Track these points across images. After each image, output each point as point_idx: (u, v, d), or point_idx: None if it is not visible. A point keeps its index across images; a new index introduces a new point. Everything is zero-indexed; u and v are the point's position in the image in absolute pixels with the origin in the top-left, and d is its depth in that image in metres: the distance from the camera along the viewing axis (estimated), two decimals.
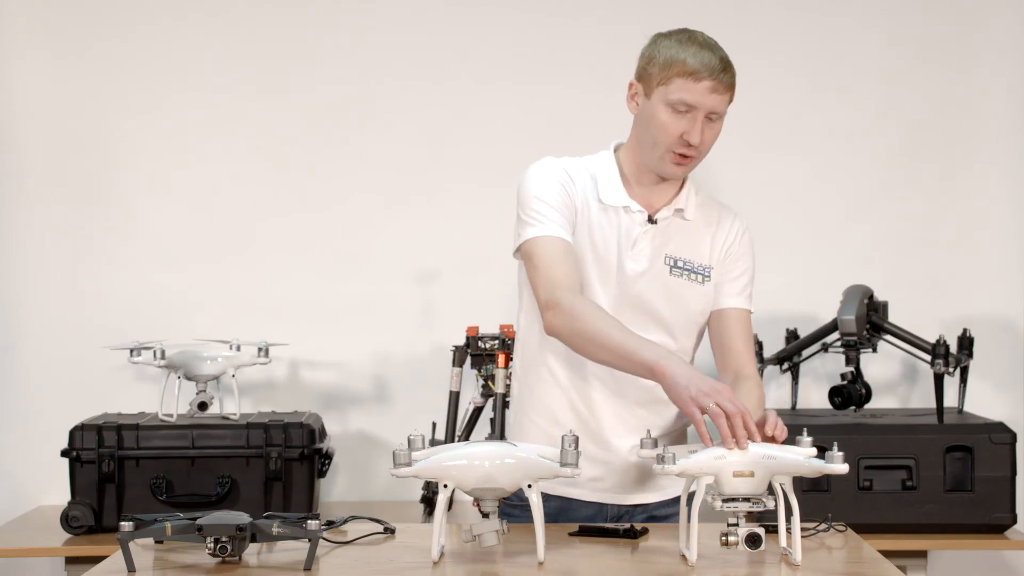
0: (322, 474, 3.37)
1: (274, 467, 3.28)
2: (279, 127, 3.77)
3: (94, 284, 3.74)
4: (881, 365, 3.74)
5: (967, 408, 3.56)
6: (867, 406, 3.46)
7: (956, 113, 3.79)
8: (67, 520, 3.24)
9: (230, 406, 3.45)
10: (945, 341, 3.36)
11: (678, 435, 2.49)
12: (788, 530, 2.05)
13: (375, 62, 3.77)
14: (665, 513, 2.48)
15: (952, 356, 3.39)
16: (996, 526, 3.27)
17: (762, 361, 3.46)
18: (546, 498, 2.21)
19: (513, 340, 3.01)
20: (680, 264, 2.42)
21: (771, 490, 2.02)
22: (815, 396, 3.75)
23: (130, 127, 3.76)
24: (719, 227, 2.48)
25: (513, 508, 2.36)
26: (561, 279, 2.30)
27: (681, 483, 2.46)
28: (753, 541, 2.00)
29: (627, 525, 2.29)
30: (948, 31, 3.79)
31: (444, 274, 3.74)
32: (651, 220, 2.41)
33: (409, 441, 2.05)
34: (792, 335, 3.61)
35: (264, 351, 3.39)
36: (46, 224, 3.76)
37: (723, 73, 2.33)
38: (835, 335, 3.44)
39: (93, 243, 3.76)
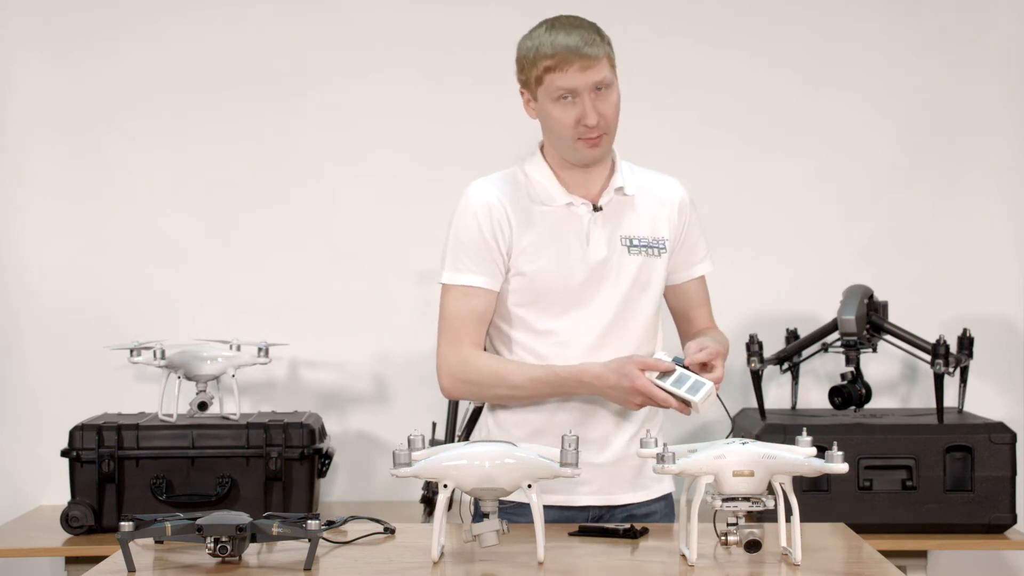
0: (322, 474, 3.37)
1: (274, 467, 3.28)
2: (280, 127, 3.77)
3: (94, 284, 3.74)
4: (881, 365, 3.74)
5: (967, 408, 3.56)
6: (867, 406, 3.46)
7: (956, 113, 3.79)
8: (67, 520, 3.24)
9: (230, 406, 3.45)
10: (945, 341, 3.36)
11: (650, 414, 2.50)
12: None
13: (376, 61, 3.77)
14: (645, 512, 2.49)
15: (952, 356, 3.39)
16: (996, 526, 3.27)
17: (762, 361, 3.46)
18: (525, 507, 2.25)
19: None
20: (636, 242, 2.46)
21: (771, 490, 2.02)
22: (815, 396, 3.75)
23: (130, 127, 3.76)
24: (665, 199, 2.50)
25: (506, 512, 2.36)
26: (464, 335, 2.43)
27: (664, 484, 2.50)
28: (751, 546, 2.00)
29: (627, 525, 2.29)
30: (948, 31, 3.79)
31: None
32: (596, 208, 2.44)
33: (409, 441, 2.05)
34: (792, 335, 3.61)
35: (264, 351, 3.39)
36: (46, 224, 3.76)
37: (587, 48, 2.33)
38: (835, 335, 3.44)
39: (93, 243, 3.76)
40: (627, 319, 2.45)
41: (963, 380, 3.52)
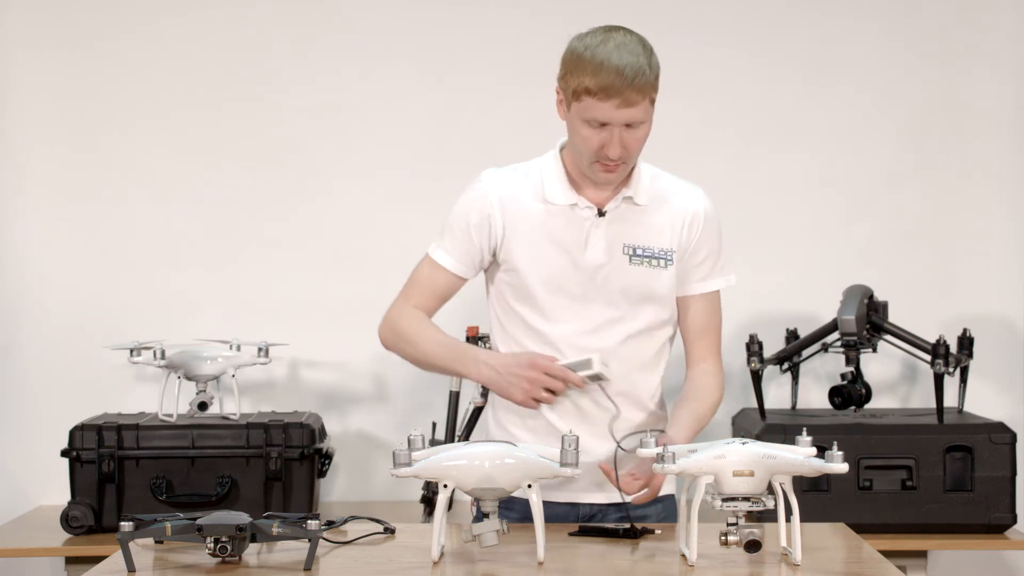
0: (322, 474, 3.37)
1: (274, 467, 3.28)
2: (279, 126, 3.77)
3: (94, 284, 3.75)
4: (881, 365, 3.74)
5: (967, 408, 3.56)
6: (867, 406, 3.46)
7: (957, 112, 3.79)
8: (67, 520, 3.24)
9: (230, 406, 3.45)
10: (945, 341, 3.36)
11: (655, 420, 2.49)
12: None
13: (375, 60, 3.77)
14: (641, 513, 2.47)
15: (952, 356, 3.39)
16: (996, 526, 3.27)
17: (762, 361, 3.46)
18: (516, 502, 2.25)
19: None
20: (639, 252, 2.42)
21: (771, 490, 2.02)
22: (815, 396, 3.75)
23: (130, 127, 3.76)
24: (680, 211, 2.45)
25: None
26: (412, 296, 2.51)
27: (665, 486, 2.50)
28: (751, 546, 2.00)
29: (627, 525, 2.29)
30: (948, 30, 3.79)
31: None
32: (600, 213, 2.41)
33: (409, 441, 2.05)
34: (792, 335, 3.61)
35: (264, 351, 3.39)
36: (46, 224, 3.76)
37: (632, 84, 2.25)
38: (835, 335, 3.44)
39: (93, 243, 3.76)
40: (618, 327, 2.42)
41: (963, 380, 3.52)
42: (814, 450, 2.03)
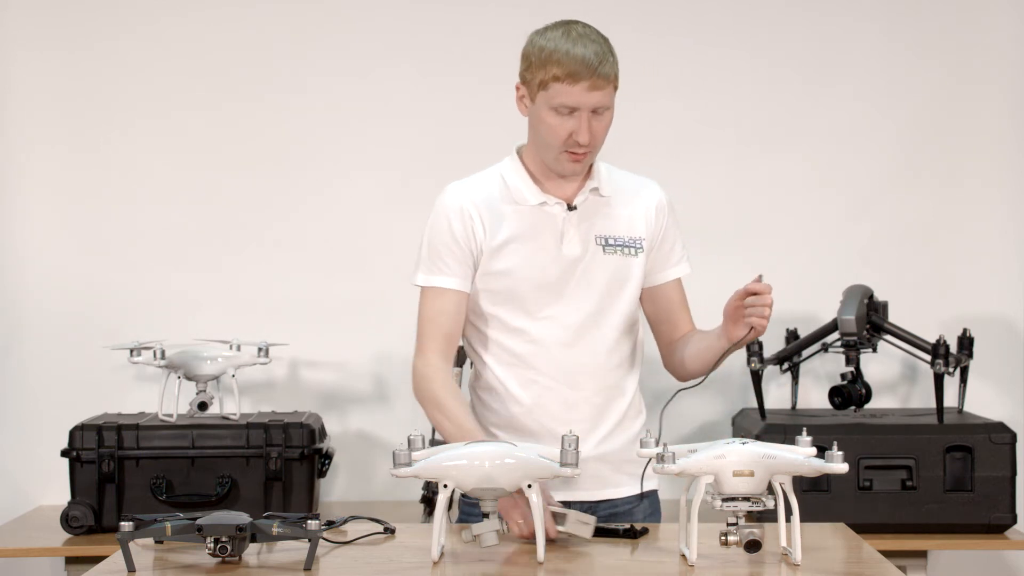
0: (322, 474, 3.37)
1: (274, 467, 3.28)
2: (279, 126, 3.77)
3: (94, 284, 3.75)
4: (881, 365, 3.74)
5: (967, 408, 3.56)
6: (867, 406, 3.46)
7: (956, 112, 3.79)
8: (67, 520, 3.24)
9: (230, 406, 3.45)
10: (945, 341, 3.36)
11: (634, 414, 2.52)
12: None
13: (375, 60, 3.77)
14: (626, 509, 2.50)
15: (952, 356, 3.39)
16: (996, 526, 3.27)
17: (762, 361, 3.46)
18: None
19: None
20: (611, 242, 2.47)
21: (771, 490, 2.02)
22: (815, 396, 3.75)
23: (130, 127, 3.76)
24: (643, 200, 2.51)
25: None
26: (430, 339, 2.44)
27: (647, 481, 2.51)
28: (751, 546, 2.00)
29: (627, 525, 2.29)
30: (948, 31, 3.79)
31: None
32: (571, 207, 2.45)
33: (409, 441, 2.05)
34: (792, 335, 3.61)
35: (264, 351, 3.39)
36: (46, 224, 3.76)
37: (599, 69, 2.32)
38: (835, 335, 3.44)
39: (93, 243, 3.76)
40: (601, 319, 2.46)
41: (963, 380, 3.52)
42: (814, 450, 2.03)
